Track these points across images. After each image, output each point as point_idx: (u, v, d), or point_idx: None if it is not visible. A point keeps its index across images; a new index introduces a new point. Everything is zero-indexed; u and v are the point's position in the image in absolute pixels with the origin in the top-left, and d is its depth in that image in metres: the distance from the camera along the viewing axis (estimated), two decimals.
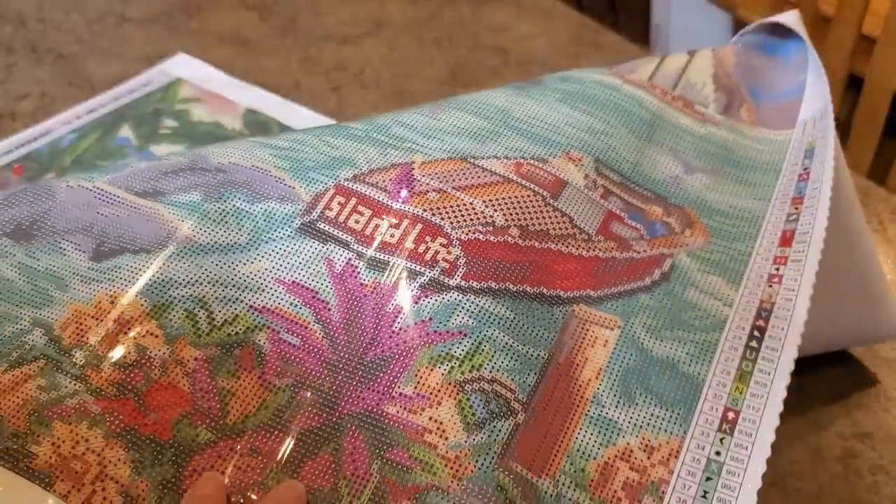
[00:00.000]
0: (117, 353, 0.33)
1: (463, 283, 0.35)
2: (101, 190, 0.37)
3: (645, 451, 0.32)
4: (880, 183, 0.58)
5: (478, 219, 0.36)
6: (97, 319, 0.34)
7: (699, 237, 0.39)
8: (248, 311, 0.35)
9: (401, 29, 0.75)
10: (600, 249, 0.37)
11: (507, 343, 0.34)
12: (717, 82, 0.46)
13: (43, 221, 0.36)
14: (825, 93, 0.42)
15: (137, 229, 0.36)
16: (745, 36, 0.49)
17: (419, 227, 0.36)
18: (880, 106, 0.97)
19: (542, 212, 0.37)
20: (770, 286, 0.36)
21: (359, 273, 0.35)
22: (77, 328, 0.33)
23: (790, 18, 0.47)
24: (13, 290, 0.34)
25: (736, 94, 0.46)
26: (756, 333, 0.35)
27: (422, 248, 0.35)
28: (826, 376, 0.45)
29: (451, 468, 0.31)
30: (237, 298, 0.35)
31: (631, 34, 0.93)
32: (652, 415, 0.33)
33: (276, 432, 0.32)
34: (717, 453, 0.32)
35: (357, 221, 0.36)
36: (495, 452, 0.31)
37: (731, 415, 0.33)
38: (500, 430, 0.32)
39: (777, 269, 0.37)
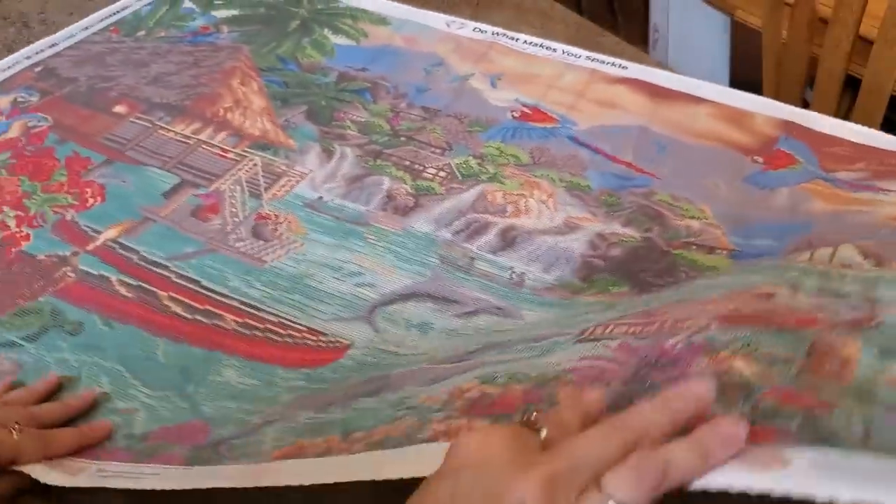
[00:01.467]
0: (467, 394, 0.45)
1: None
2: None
3: None
4: None
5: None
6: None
7: None
8: (552, 372, 0.45)
9: None
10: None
11: (774, 341, 0.42)
12: None
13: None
14: None
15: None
16: None
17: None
18: (877, 107, 0.96)
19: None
20: None
21: (629, 343, 0.46)
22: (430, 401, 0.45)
23: None
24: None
25: None
26: None
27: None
28: None
29: None
30: (542, 367, 0.46)
31: (629, 36, 0.92)
32: None
33: None
34: None
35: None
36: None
37: None
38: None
39: None
